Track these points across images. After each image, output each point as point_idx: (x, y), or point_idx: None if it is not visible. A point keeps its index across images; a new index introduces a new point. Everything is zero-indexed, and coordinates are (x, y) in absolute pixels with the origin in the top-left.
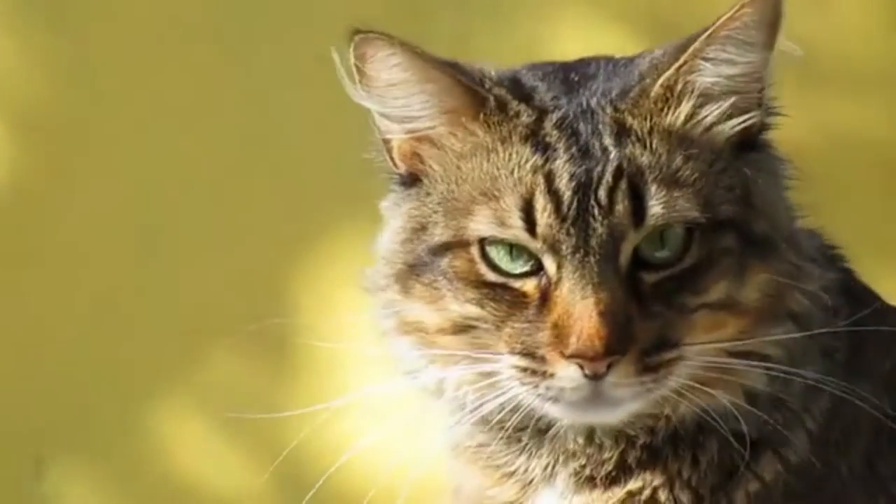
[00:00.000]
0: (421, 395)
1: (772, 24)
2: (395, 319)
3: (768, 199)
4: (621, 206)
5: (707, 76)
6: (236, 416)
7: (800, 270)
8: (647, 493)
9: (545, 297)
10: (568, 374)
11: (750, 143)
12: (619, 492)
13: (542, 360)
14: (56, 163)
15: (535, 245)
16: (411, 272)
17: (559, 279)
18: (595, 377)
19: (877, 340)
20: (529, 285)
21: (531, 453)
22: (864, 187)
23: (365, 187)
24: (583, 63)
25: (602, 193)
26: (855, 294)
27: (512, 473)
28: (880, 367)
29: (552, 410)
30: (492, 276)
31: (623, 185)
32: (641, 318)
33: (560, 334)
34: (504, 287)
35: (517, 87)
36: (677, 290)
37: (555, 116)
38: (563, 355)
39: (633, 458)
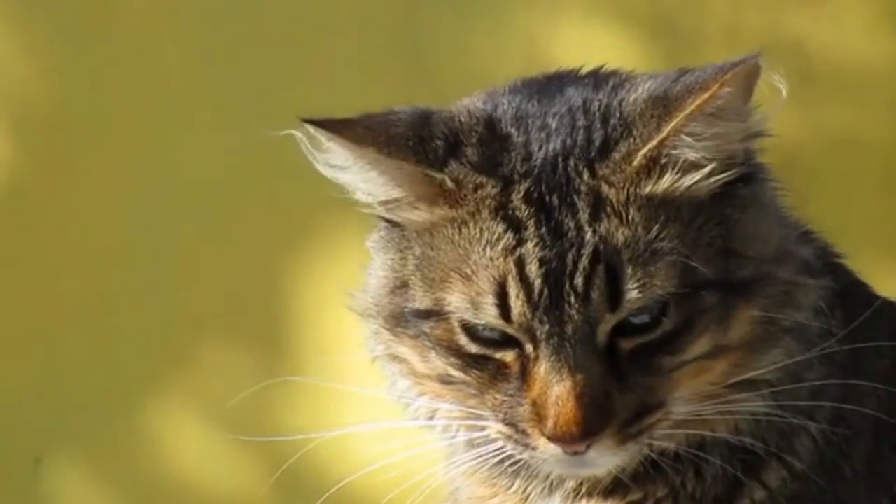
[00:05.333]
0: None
1: (751, 88)
2: (385, 347)
3: (754, 235)
4: (597, 294)
5: (690, 150)
6: (241, 438)
7: (794, 287)
8: (650, 503)
9: (524, 372)
10: (549, 450)
11: (736, 183)
12: (619, 501)
13: (525, 433)
14: (56, 163)
15: (511, 330)
16: (398, 322)
17: (536, 357)
18: (575, 454)
19: (874, 339)
20: (510, 356)
21: (527, 474)
22: (862, 187)
23: None
24: (565, 93)
25: (578, 281)
26: (851, 294)
27: (509, 489)
28: (879, 367)
29: (541, 465)
30: (473, 348)
31: (600, 270)
32: (620, 391)
33: (539, 414)
34: (486, 357)
35: (488, 141)
36: (656, 353)
37: (522, 188)
38: (542, 434)
39: (628, 474)
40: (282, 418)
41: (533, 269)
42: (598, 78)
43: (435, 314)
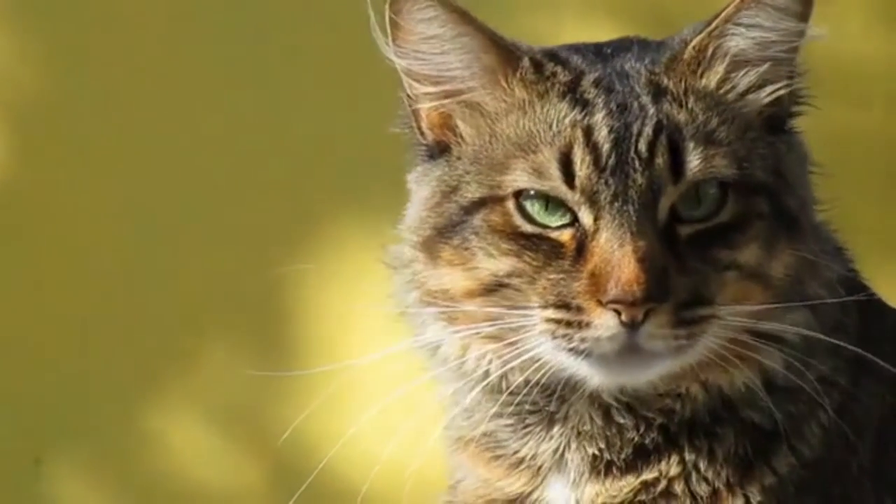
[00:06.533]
0: (437, 371)
1: None
2: (419, 292)
3: (798, 179)
4: (661, 160)
5: (738, 40)
6: (262, 374)
7: (819, 261)
8: (662, 484)
9: (581, 248)
10: (604, 321)
11: (781, 124)
12: (633, 481)
13: (578, 309)
14: (56, 163)
15: (573, 197)
16: (440, 236)
17: (596, 230)
18: (632, 325)
19: (883, 340)
20: (566, 235)
21: (540, 437)
22: (863, 187)
23: (365, 185)
24: (615, 40)
25: (643, 146)
26: (864, 294)
27: (520, 462)
28: (887, 372)
29: (582, 368)
30: (528, 228)
31: (663, 139)
32: (678, 271)
33: (598, 282)
34: (540, 238)
35: (552, 55)
36: (711, 244)
37: (592, 76)
38: (600, 303)
39: (651, 442)
40: (282, 417)
41: (602, 135)
42: None
43: (490, 200)
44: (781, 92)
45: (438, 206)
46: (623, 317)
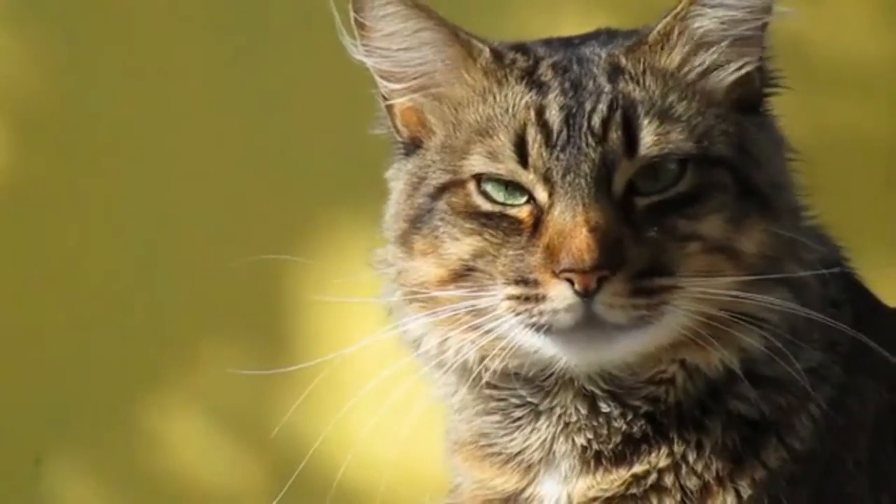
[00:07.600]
0: (416, 360)
1: None
2: (402, 289)
3: (769, 158)
4: (615, 135)
5: (703, 21)
6: (261, 373)
7: (798, 241)
8: (652, 477)
9: (538, 224)
10: (560, 292)
11: (752, 105)
12: (624, 474)
13: (535, 283)
14: (56, 163)
15: (527, 176)
16: (412, 227)
17: (551, 204)
18: (586, 294)
19: (880, 338)
20: (524, 212)
21: (528, 431)
22: (862, 186)
23: (365, 187)
24: (587, 33)
25: (596, 122)
26: (859, 292)
27: (510, 458)
28: (885, 364)
29: (547, 346)
30: (488, 206)
31: (617, 116)
32: (633, 241)
33: (552, 254)
34: (500, 215)
35: (516, 46)
36: (669, 214)
37: (550, 60)
38: (554, 274)
39: (639, 430)
40: (281, 416)
41: (552, 113)
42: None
43: (452, 184)
44: (748, 69)
45: (410, 198)
46: (576, 286)
